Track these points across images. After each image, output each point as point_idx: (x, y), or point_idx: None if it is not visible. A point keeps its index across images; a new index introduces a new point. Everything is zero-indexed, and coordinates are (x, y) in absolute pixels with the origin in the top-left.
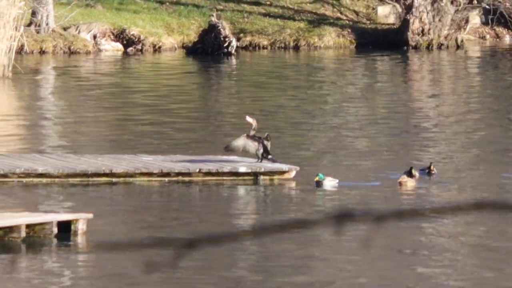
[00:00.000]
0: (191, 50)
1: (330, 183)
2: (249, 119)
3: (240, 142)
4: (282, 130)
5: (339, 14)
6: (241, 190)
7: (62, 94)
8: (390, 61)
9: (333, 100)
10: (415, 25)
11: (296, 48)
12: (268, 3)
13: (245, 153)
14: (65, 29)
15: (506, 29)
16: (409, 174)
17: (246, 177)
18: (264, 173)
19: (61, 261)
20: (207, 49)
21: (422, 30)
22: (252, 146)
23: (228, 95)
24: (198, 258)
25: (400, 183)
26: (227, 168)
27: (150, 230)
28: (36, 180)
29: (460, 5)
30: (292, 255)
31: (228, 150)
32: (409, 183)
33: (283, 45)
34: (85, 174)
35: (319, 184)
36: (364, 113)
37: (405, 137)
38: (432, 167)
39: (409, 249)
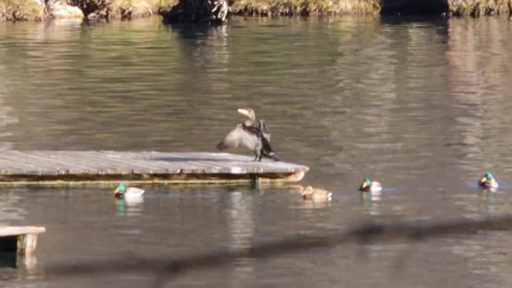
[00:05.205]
0: (170, 17)
1: (133, 195)
2: (242, 111)
3: (236, 134)
4: (286, 121)
5: None
6: (234, 197)
7: (3, 74)
8: (424, 31)
9: (351, 83)
10: None
11: (305, 14)
12: None
13: (241, 149)
14: None
15: None
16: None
17: (240, 180)
18: (263, 175)
19: None
20: (190, 15)
21: None
22: (251, 140)
23: (217, 76)
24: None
25: (305, 197)
26: (216, 168)
27: (117, 249)
28: None
29: None
30: (302, 282)
31: (223, 147)
32: (317, 196)
33: (287, 10)
34: (34, 176)
35: (119, 196)
36: (390, 99)
37: (444, 130)
38: (485, 179)
39: (449, 270)
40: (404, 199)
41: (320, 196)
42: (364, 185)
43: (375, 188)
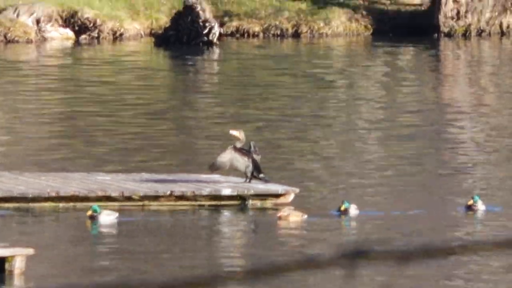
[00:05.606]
0: (161, 39)
1: (107, 217)
2: (234, 132)
3: (227, 156)
4: (277, 143)
5: None
6: (225, 219)
7: None
8: (416, 52)
9: (343, 104)
10: (448, 6)
11: (296, 35)
12: None
13: (231, 170)
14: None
15: None
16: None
17: (230, 202)
18: (254, 197)
19: None
20: (182, 37)
21: (458, 13)
22: (241, 161)
23: (208, 97)
24: None
25: (280, 218)
26: (206, 190)
27: (107, 272)
28: None
29: None
30: None
31: (214, 168)
32: (292, 218)
33: (279, 32)
34: (24, 198)
35: (93, 218)
36: (382, 120)
37: (434, 152)
38: (471, 202)
39: None
40: (387, 221)
41: (295, 218)
42: (342, 207)
43: (353, 210)
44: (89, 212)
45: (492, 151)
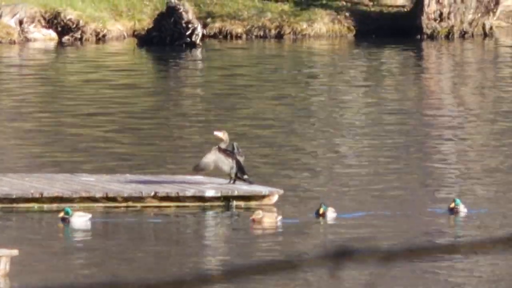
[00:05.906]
0: (144, 40)
1: (79, 219)
2: (217, 133)
3: (211, 157)
4: (261, 144)
5: None
6: (209, 220)
7: None
8: (398, 54)
9: (324, 106)
10: (431, 7)
11: (279, 37)
12: None
13: (216, 171)
14: None
15: None
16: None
17: (214, 203)
18: (238, 198)
19: None
20: (164, 38)
21: (440, 14)
22: (226, 163)
23: (191, 98)
24: None
25: (254, 221)
26: (190, 191)
27: (91, 272)
28: None
29: None
30: None
31: (198, 169)
32: (266, 220)
33: (262, 33)
34: (8, 199)
35: (65, 220)
36: (364, 122)
37: (416, 154)
38: (453, 205)
39: None
40: (365, 224)
41: (269, 220)
42: (321, 211)
43: (331, 214)
44: (61, 214)
45: (475, 153)
